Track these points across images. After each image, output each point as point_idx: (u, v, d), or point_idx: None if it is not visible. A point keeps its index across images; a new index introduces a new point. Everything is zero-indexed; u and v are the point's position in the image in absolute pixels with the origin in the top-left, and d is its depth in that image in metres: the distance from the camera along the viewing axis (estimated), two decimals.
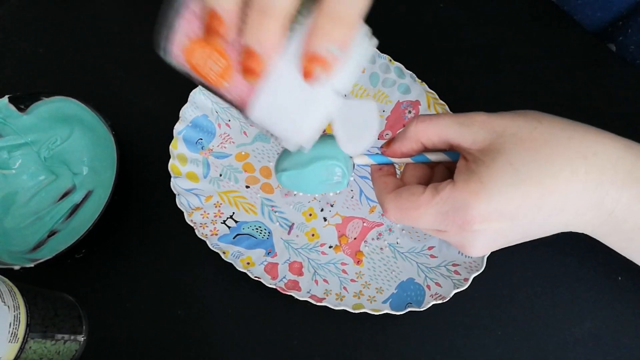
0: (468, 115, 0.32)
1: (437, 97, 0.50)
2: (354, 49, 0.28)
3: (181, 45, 0.28)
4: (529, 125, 0.30)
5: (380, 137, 0.52)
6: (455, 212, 0.30)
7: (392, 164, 0.36)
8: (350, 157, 0.35)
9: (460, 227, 0.31)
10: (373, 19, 0.29)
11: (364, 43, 0.29)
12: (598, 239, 0.34)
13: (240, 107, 0.30)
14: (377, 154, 0.36)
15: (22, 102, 0.48)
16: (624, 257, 0.36)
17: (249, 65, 0.27)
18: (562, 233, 0.33)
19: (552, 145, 0.30)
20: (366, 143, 0.32)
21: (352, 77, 0.29)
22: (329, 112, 0.29)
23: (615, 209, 0.31)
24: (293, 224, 0.49)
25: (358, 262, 0.48)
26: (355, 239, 0.49)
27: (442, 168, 0.36)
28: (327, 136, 0.35)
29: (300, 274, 0.47)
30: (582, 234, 0.33)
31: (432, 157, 0.35)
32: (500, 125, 0.31)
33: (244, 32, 0.26)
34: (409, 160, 0.35)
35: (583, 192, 0.30)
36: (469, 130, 0.31)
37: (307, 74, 0.27)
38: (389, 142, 0.35)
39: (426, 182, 0.35)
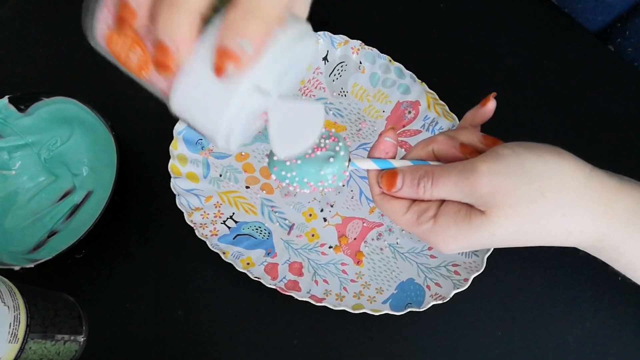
0: (471, 177, 0.31)
1: (437, 97, 0.50)
2: (281, 46, 0.26)
3: (102, 33, 0.27)
4: (529, 197, 0.31)
5: (380, 136, 0.52)
6: (428, 242, 0.34)
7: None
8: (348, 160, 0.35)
9: (432, 247, 0.35)
10: (373, 19, 0.29)
11: (299, 40, 0.27)
12: None
13: (164, 99, 0.29)
14: (379, 158, 0.36)
15: (22, 102, 0.48)
16: None
17: (160, 59, 0.26)
18: None
19: (541, 223, 0.31)
20: (300, 148, 0.31)
21: (279, 75, 0.27)
22: (250, 110, 0.28)
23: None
24: (293, 224, 0.49)
25: (358, 263, 0.48)
26: (355, 239, 0.49)
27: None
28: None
29: (300, 274, 0.47)
30: None
31: (432, 164, 0.35)
32: (499, 194, 0.31)
33: (154, 24, 0.25)
34: (408, 163, 0.35)
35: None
36: (471, 197, 0.32)
37: (217, 69, 0.26)
38: (388, 182, 0.35)
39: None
